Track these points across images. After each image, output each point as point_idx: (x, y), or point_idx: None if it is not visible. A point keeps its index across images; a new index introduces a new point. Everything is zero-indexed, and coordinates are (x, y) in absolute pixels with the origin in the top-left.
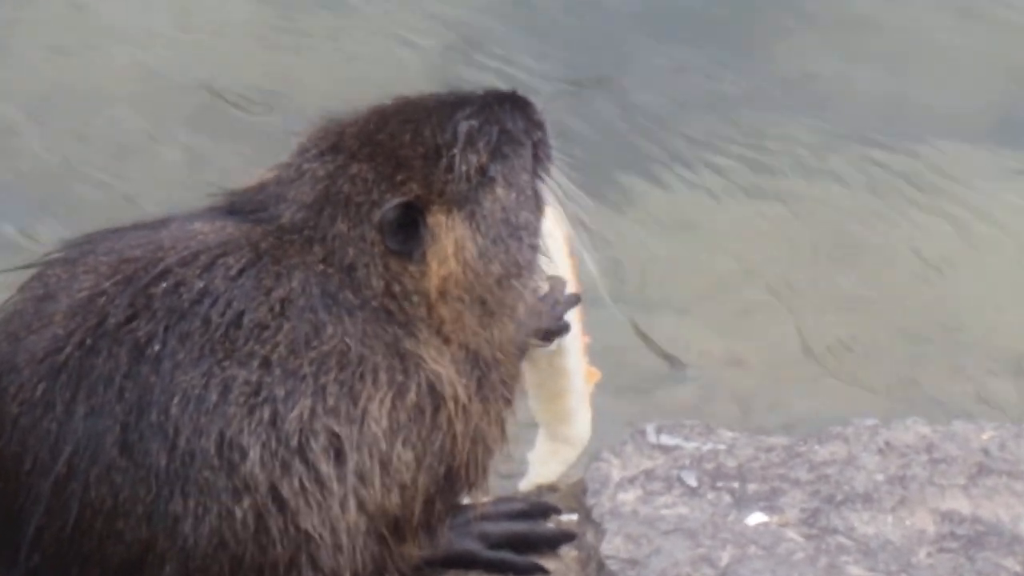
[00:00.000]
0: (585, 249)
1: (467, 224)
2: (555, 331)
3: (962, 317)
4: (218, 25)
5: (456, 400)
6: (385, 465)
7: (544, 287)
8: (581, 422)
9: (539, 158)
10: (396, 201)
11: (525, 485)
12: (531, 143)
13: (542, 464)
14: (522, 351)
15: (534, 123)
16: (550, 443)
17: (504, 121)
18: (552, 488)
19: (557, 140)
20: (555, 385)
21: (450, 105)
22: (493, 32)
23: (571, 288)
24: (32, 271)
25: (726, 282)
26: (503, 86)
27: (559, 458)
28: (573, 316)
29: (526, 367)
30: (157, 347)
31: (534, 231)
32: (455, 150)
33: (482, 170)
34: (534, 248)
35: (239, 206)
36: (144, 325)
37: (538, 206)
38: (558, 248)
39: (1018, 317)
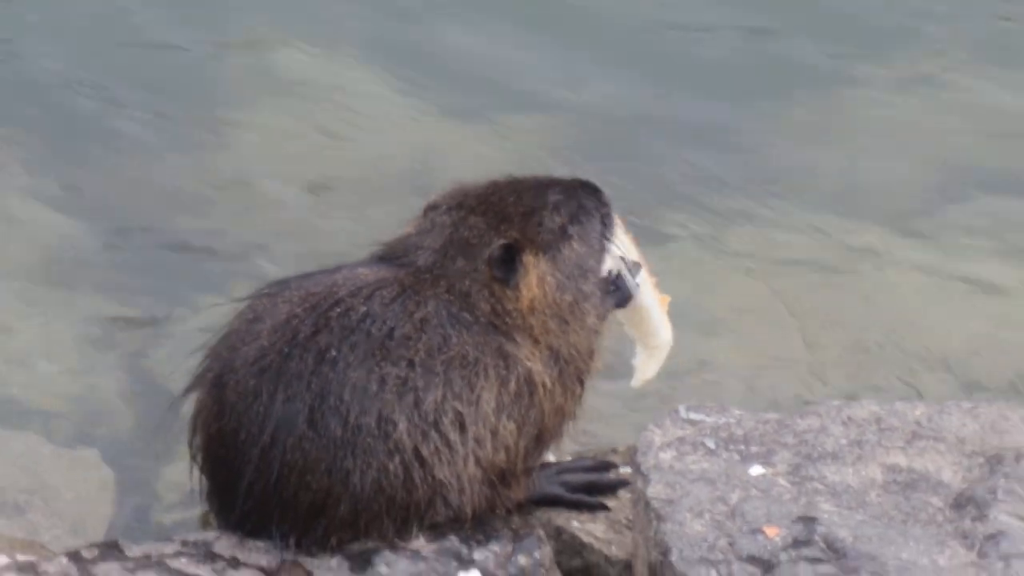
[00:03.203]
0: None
1: (550, 264)
2: (626, 299)
3: (907, 331)
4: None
5: (544, 386)
6: (494, 433)
7: (615, 268)
8: (664, 332)
9: (605, 225)
10: (501, 242)
11: (635, 383)
12: (600, 215)
13: (644, 365)
14: (592, 350)
15: (602, 202)
16: (646, 350)
17: (581, 198)
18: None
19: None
20: (639, 315)
21: (545, 183)
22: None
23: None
24: (245, 302)
25: (741, 305)
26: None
27: (655, 359)
28: (644, 273)
29: (619, 313)
30: (334, 353)
31: (597, 274)
32: (544, 212)
33: (563, 228)
34: (596, 285)
35: (389, 254)
36: (325, 338)
37: (603, 258)
38: (626, 241)
39: (942, 334)
